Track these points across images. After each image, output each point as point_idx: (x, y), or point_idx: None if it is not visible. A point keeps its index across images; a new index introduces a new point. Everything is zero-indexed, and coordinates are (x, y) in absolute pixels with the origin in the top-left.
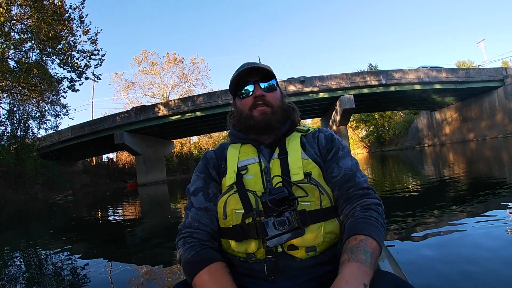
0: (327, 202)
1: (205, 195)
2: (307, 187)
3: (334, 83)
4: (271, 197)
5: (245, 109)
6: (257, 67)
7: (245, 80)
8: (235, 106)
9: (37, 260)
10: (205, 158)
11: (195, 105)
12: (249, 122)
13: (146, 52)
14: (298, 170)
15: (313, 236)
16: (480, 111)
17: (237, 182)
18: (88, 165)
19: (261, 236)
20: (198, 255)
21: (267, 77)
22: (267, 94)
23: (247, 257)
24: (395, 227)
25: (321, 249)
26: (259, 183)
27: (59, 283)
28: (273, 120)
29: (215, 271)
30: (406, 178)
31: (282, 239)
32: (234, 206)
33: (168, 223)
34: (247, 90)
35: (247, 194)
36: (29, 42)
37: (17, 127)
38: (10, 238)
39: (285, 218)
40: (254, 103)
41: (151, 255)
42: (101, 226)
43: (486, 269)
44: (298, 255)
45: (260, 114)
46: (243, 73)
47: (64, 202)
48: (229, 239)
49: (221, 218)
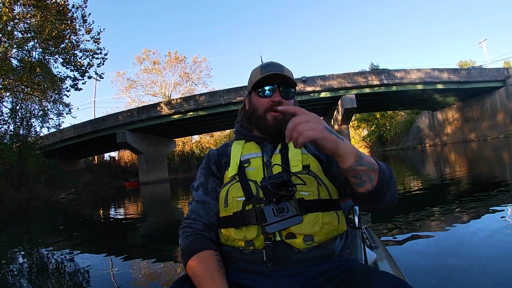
0: (325, 194)
1: (204, 189)
2: (306, 177)
3: (336, 82)
4: (271, 181)
5: (260, 109)
6: (284, 75)
7: (268, 80)
8: (250, 101)
9: (40, 257)
10: (208, 156)
11: (197, 104)
12: (261, 123)
13: (148, 51)
14: (297, 162)
15: (311, 224)
16: (481, 111)
17: (239, 173)
18: (90, 163)
19: (261, 221)
20: (191, 243)
21: (289, 84)
22: (284, 101)
23: (246, 245)
24: (394, 227)
25: (319, 240)
26: (260, 174)
27: (62, 279)
28: (284, 127)
29: (203, 258)
30: (407, 178)
31: (281, 225)
32: (235, 194)
33: (170, 220)
34: (267, 92)
35: (248, 183)
36: (32, 41)
37: (20, 126)
38: (15, 236)
39: (284, 205)
40: (270, 107)
41: (153, 251)
42: (104, 224)
43: (486, 269)
44: (296, 245)
45: (273, 119)
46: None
47: (67, 201)
48: (229, 227)
49: (222, 207)
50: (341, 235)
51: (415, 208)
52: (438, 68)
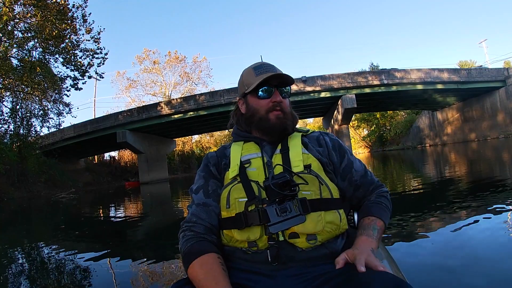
0: (327, 193)
1: (204, 192)
2: (307, 177)
3: (336, 82)
4: (274, 181)
5: (261, 110)
6: (283, 75)
7: (265, 81)
8: (247, 104)
9: (40, 257)
10: (206, 158)
11: (197, 104)
12: (264, 124)
13: (148, 50)
14: (298, 162)
15: (314, 223)
16: (481, 111)
17: (240, 173)
18: (90, 163)
19: (264, 221)
20: (192, 247)
21: (285, 83)
22: (283, 100)
23: (249, 246)
24: (394, 227)
25: (322, 239)
26: (261, 175)
27: (61, 279)
28: (288, 125)
29: (205, 262)
30: (407, 177)
31: (284, 225)
32: (237, 195)
33: (171, 220)
34: (267, 93)
35: (250, 183)
36: (32, 40)
37: (20, 125)
38: (16, 235)
39: (286, 205)
40: (272, 107)
41: (154, 252)
42: (105, 223)
43: (487, 269)
44: (299, 244)
45: (276, 118)
46: (268, 77)
47: (67, 200)
48: (231, 229)
49: (224, 208)
50: (342, 234)
51: (415, 208)
52: (438, 68)
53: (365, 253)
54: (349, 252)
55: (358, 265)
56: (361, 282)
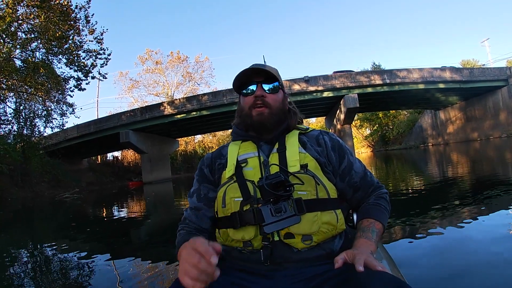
0: (323, 193)
1: (197, 196)
2: (304, 177)
3: (339, 82)
4: (268, 181)
5: (246, 107)
6: (262, 69)
7: (250, 79)
8: (239, 103)
9: (43, 256)
10: (202, 160)
11: (200, 104)
12: (247, 120)
13: (150, 51)
14: (295, 162)
15: (309, 224)
16: (484, 110)
17: (237, 173)
18: (93, 163)
19: (258, 221)
20: (182, 237)
21: (271, 79)
22: (268, 95)
23: (244, 245)
24: (394, 227)
25: (317, 240)
26: (257, 174)
27: (64, 278)
28: (268, 122)
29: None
30: (409, 177)
31: (278, 225)
32: (233, 194)
33: (173, 220)
34: (250, 89)
35: (245, 183)
36: (36, 41)
37: (24, 126)
38: (20, 234)
39: (281, 205)
40: (254, 103)
41: (156, 251)
42: (108, 223)
43: (486, 270)
44: (295, 244)
45: (257, 114)
46: (248, 73)
47: (71, 200)
48: (227, 228)
49: (220, 207)
50: (340, 234)
51: (415, 208)
52: (441, 67)
53: (364, 253)
54: (349, 252)
55: (357, 265)
56: (360, 282)
